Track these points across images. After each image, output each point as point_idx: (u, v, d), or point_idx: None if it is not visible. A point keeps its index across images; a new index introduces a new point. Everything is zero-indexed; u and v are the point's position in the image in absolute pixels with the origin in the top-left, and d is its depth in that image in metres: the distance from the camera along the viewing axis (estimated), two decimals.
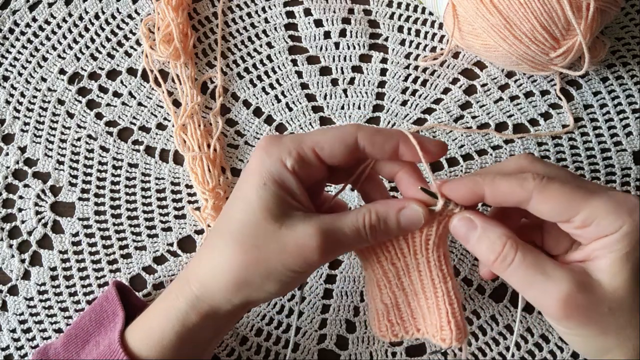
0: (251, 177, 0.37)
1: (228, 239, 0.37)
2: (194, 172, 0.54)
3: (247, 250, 0.36)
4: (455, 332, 0.38)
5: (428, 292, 0.39)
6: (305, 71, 0.58)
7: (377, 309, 0.40)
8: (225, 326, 0.40)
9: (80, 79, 0.58)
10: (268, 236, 0.36)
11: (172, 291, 0.39)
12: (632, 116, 0.56)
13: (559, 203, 0.35)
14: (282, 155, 0.37)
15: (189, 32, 0.59)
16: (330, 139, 0.37)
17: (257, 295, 0.37)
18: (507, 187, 0.36)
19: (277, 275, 0.36)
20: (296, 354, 0.50)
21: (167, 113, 0.57)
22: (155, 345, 0.38)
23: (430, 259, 0.38)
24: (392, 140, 0.37)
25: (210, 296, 0.37)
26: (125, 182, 0.55)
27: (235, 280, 0.36)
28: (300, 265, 0.36)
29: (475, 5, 0.50)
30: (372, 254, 0.39)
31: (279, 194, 0.36)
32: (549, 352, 0.50)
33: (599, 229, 0.35)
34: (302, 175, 0.37)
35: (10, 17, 0.60)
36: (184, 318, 0.38)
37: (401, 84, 0.58)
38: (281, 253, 0.36)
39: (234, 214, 0.37)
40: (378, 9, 0.60)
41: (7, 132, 0.56)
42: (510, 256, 0.35)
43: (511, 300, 0.51)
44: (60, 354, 0.41)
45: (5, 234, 0.53)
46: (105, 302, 0.42)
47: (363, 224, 0.37)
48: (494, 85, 0.58)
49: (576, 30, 0.49)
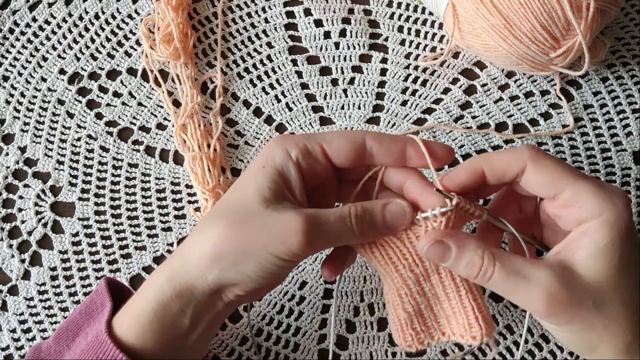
0: (255, 162, 0.38)
1: (216, 215, 0.37)
2: (194, 172, 0.54)
3: (230, 225, 0.36)
4: (484, 327, 0.37)
5: (451, 293, 0.38)
6: (305, 71, 0.58)
7: (400, 318, 0.39)
8: (203, 315, 0.38)
9: (80, 79, 0.58)
10: (253, 215, 0.36)
11: (156, 270, 0.39)
12: (632, 116, 0.56)
13: (549, 175, 0.36)
14: (288, 146, 0.37)
15: (189, 32, 0.59)
16: (339, 136, 0.38)
17: (230, 275, 0.36)
18: (503, 159, 0.37)
19: (254, 256, 0.35)
20: (296, 354, 0.51)
21: (167, 113, 0.57)
22: (133, 324, 0.37)
23: None
24: (400, 142, 0.38)
25: (186, 270, 0.37)
26: (125, 182, 0.55)
27: (211, 251, 0.36)
28: (280, 249, 0.35)
29: (475, 5, 0.50)
30: (390, 264, 0.39)
31: (275, 180, 0.37)
32: (549, 352, 0.50)
33: (580, 211, 0.35)
34: (306, 169, 0.38)
35: (10, 17, 0.60)
36: (160, 293, 0.37)
37: (401, 84, 0.58)
38: (263, 234, 0.35)
39: (229, 194, 0.38)
40: (378, 9, 0.60)
41: (7, 132, 0.56)
42: (490, 269, 0.36)
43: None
44: (52, 348, 0.41)
45: (5, 234, 0.53)
46: (95, 295, 0.42)
47: (349, 213, 0.37)
48: (494, 85, 0.58)
49: (576, 30, 0.49)
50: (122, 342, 0.37)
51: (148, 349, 0.37)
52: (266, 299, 0.52)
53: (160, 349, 0.37)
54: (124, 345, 0.37)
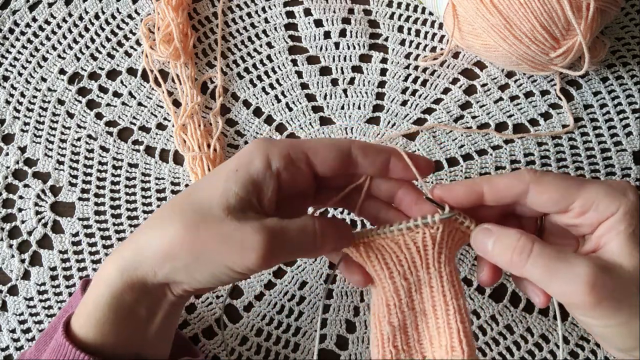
0: (229, 163, 0.36)
1: (176, 212, 0.36)
2: (194, 172, 0.54)
3: (189, 227, 0.34)
4: (467, 352, 0.36)
5: (439, 309, 0.37)
6: (305, 71, 0.58)
7: (382, 332, 0.38)
8: (157, 305, 0.37)
9: (80, 79, 0.58)
10: (213, 222, 0.34)
11: (106, 261, 0.38)
12: (632, 116, 0.56)
13: (555, 191, 0.36)
14: (270, 153, 0.36)
15: (189, 32, 0.59)
16: (325, 144, 0.37)
17: (180, 277, 0.35)
18: (504, 182, 0.37)
19: (208, 264, 0.34)
20: (296, 354, 0.50)
21: (167, 113, 0.57)
22: (89, 319, 0.36)
23: (443, 273, 0.37)
24: (384, 154, 0.38)
25: (137, 260, 0.36)
26: (125, 182, 0.55)
27: (164, 250, 0.35)
28: (236, 263, 0.34)
29: (475, 5, 0.50)
30: (384, 269, 0.38)
31: (246, 187, 0.35)
32: (548, 352, 0.50)
33: (598, 213, 0.35)
34: (286, 178, 0.36)
35: (10, 17, 0.60)
36: (112, 284, 0.36)
37: (401, 84, 0.58)
38: (220, 244, 0.34)
39: (194, 191, 0.37)
40: (378, 9, 0.60)
41: (7, 132, 0.56)
42: (528, 247, 0.35)
43: (511, 300, 0.51)
44: (33, 354, 0.41)
45: (5, 234, 0.53)
46: (72, 298, 0.42)
47: (313, 224, 0.36)
48: (494, 85, 0.58)
49: (576, 30, 0.49)
50: (79, 339, 0.36)
51: (107, 341, 0.36)
52: (266, 299, 0.52)
53: (120, 341, 0.36)
54: (82, 342, 0.36)
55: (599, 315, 0.34)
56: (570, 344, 0.50)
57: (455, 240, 0.38)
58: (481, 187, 0.37)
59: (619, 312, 0.34)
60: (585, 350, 0.50)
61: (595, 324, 0.35)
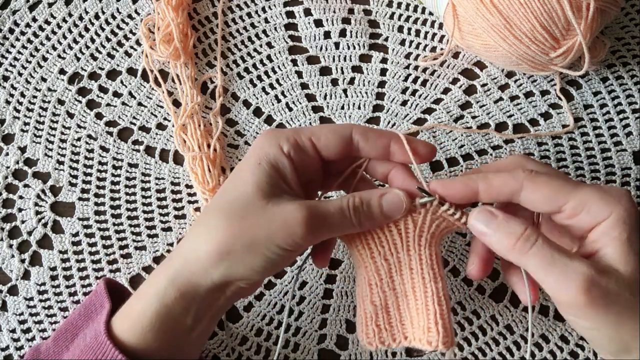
0: (248, 159, 0.39)
1: (216, 212, 0.38)
2: (194, 172, 0.54)
3: (233, 222, 0.36)
4: (442, 334, 0.36)
5: (418, 291, 0.38)
6: (305, 71, 0.58)
7: (366, 311, 0.39)
8: (206, 313, 0.39)
9: (80, 79, 0.58)
10: (255, 210, 0.36)
11: (155, 271, 0.39)
12: (632, 116, 0.56)
13: (549, 191, 0.36)
14: (280, 140, 0.39)
15: (189, 32, 0.59)
16: (327, 130, 0.39)
17: (238, 270, 0.36)
18: (499, 180, 0.38)
19: (261, 248, 0.36)
20: (296, 354, 0.50)
21: (167, 113, 0.57)
22: (134, 325, 0.37)
23: (423, 256, 0.39)
24: (385, 137, 0.40)
25: (189, 268, 0.37)
26: (125, 182, 0.55)
27: (216, 248, 0.36)
28: (285, 240, 0.36)
29: (475, 5, 0.50)
30: (366, 249, 0.39)
31: (272, 175, 0.38)
32: (548, 352, 0.50)
33: (590, 216, 0.36)
34: (297, 161, 0.39)
35: (10, 17, 0.60)
36: (163, 295, 0.37)
37: (401, 84, 0.58)
38: (267, 225, 0.36)
39: (226, 191, 0.39)
40: (378, 9, 0.60)
41: (7, 132, 0.56)
42: (534, 236, 0.36)
43: (511, 300, 0.51)
44: (51, 349, 0.41)
45: (5, 234, 0.53)
46: (94, 297, 0.42)
47: (347, 204, 0.38)
48: (494, 85, 0.58)
49: (576, 30, 0.49)
50: (121, 343, 0.37)
51: (150, 349, 0.37)
52: (266, 299, 0.52)
53: (162, 349, 0.37)
54: (124, 345, 0.37)
55: (588, 316, 0.35)
56: (570, 344, 0.50)
57: (440, 228, 0.39)
58: (476, 185, 0.38)
59: (608, 315, 0.35)
60: (585, 350, 0.50)
61: (583, 325, 0.36)
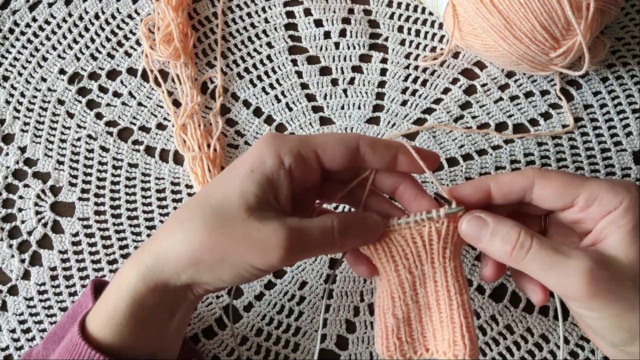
0: (243, 163, 0.37)
1: (197, 214, 0.36)
2: (194, 172, 0.54)
3: (211, 231, 0.35)
4: (469, 347, 0.36)
5: (443, 304, 0.38)
6: (305, 71, 0.58)
7: (387, 324, 0.38)
8: (178, 307, 0.38)
9: (80, 79, 0.58)
10: (235, 223, 0.35)
11: (125, 265, 0.38)
12: (632, 116, 0.56)
13: (561, 185, 0.37)
14: (281, 151, 0.36)
15: (189, 32, 0.59)
16: (334, 141, 0.37)
17: (206, 278, 0.36)
18: (509, 177, 0.38)
19: (234, 265, 0.35)
20: (296, 354, 0.50)
21: (167, 113, 0.57)
22: (109, 322, 0.36)
23: (448, 268, 0.38)
24: (392, 148, 0.38)
25: (160, 267, 0.36)
26: (125, 182, 0.55)
27: (189, 256, 0.35)
28: (260, 261, 0.35)
29: (475, 5, 0.50)
30: (390, 262, 0.38)
31: (263, 187, 0.36)
32: (548, 352, 0.50)
33: (601, 207, 0.36)
34: (297, 174, 0.37)
35: (10, 17, 0.60)
36: (134, 290, 0.36)
37: (401, 84, 0.58)
38: (244, 244, 0.34)
39: (211, 192, 0.37)
40: (378, 9, 0.60)
41: (7, 132, 0.56)
42: (528, 242, 0.36)
43: (511, 300, 0.51)
44: (41, 353, 0.41)
45: (5, 234, 0.53)
46: (82, 298, 0.42)
47: (331, 226, 0.36)
48: (494, 85, 0.58)
49: (576, 30, 0.49)
50: (96, 340, 0.36)
51: (125, 344, 0.36)
52: (266, 299, 0.52)
53: (137, 343, 0.37)
54: (99, 343, 0.36)
55: (594, 307, 0.35)
56: (570, 344, 0.50)
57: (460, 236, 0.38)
58: (488, 185, 0.38)
59: (613, 304, 0.35)
60: (585, 350, 0.50)
61: (590, 316, 0.36)
